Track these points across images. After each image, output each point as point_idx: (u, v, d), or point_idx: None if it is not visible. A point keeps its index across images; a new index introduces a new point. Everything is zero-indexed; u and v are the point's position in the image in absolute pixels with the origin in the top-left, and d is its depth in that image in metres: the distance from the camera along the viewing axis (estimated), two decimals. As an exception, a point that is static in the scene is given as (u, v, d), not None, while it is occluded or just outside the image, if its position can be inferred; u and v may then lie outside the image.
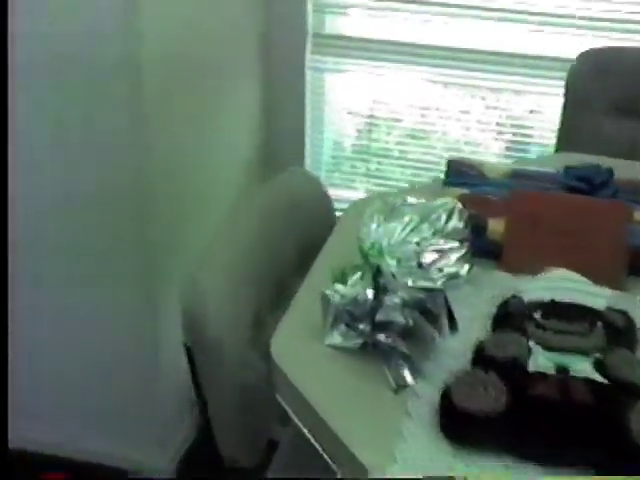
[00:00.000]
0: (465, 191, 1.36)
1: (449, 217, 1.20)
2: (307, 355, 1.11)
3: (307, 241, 1.33)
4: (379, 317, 1.06)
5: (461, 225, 1.20)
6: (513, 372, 1.00)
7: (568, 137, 1.93)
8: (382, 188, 2.45)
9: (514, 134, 2.31)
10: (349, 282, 1.13)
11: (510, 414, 0.94)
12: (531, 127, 2.30)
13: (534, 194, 1.30)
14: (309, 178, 1.40)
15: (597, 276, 1.20)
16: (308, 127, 2.38)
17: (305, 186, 1.36)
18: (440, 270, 1.16)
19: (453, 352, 1.10)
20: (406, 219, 1.18)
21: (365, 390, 1.05)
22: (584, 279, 1.17)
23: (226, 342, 1.09)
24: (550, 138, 2.16)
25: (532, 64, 2.14)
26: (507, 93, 2.29)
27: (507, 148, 2.34)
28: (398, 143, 2.45)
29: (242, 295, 1.13)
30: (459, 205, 1.21)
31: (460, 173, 1.41)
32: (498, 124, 2.32)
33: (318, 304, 1.14)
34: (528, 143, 2.30)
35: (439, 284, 1.11)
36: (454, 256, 1.18)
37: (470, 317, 1.15)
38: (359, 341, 1.09)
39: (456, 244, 1.19)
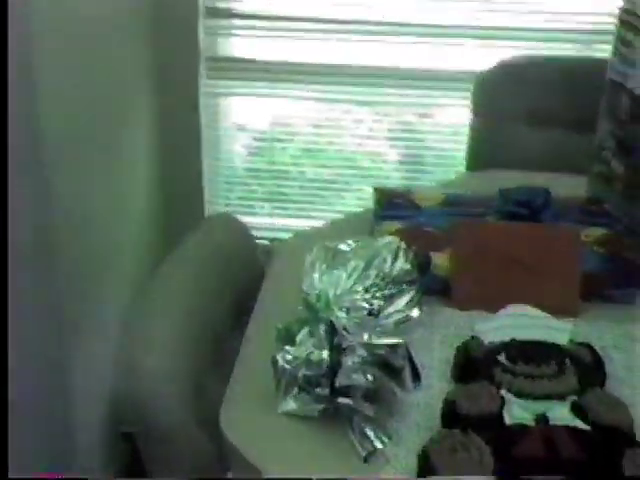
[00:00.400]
0: (399, 225, 1.30)
1: (395, 258, 1.13)
2: (261, 426, 1.01)
3: (241, 292, 1.23)
4: (340, 381, 0.97)
5: (408, 266, 1.13)
6: (492, 429, 0.93)
7: (479, 150, 1.90)
8: (285, 211, 2.39)
9: (407, 144, 2.28)
10: (297, 340, 1.05)
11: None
12: (424, 133, 2.28)
13: (477, 224, 1.24)
14: (232, 222, 1.30)
15: (551, 306, 1.15)
16: (205, 154, 2.28)
17: (230, 232, 1.26)
18: (390, 316, 1.09)
19: (419, 407, 1.02)
20: (351, 265, 1.10)
21: (331, 461, 0.96)
22: (543, 314, 1.12)
23: (173, 424, 0.99)
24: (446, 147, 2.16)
25: (434, 77, 2.11)
26: (407, 107, 2.26)
27: (403, 155, 2.30)
28: (294, 163, 2.39)
29: (183, 369, 1.02)
30: (403, 244, 1.15)
31: (392, 205, 1.34)
32: (390, 130, 2.28)
33: (264, 366, 1.04)
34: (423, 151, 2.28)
35: (392, 333, 1.04)
36: (404, 300, 1.11)
37: (428, 364, 1.08)
38: (318, 406, 1.00)
39: (404, 287, 1.12)
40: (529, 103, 1.80)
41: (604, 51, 1.63)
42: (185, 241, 1.19)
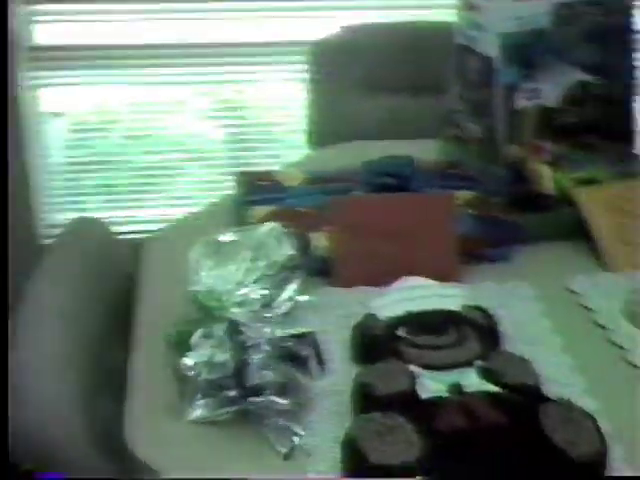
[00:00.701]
0: (270, 208, 1.26)
1: (279, 245, 1.10)
2: (170, 437, 0.95)
3: (119, 298, 1.16)
4: (250, 380, 0.93)
5: (292, 251, 1.10)
6: (410, 406, 0.93)
7: (319, 124, 1.89)
8: (117, 203, 2.29)
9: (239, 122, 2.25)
10: (192, 343, 1.00)
11: (427, 456, 0.87)
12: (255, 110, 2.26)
13: (352, 200, 1.22)
14: (93, 225, 1.22)
15: (433, 272, 1.16)
16: (26, 150, 2.15)
17: (95, 237, 1.18)
18: (282, 304, 1.06)
19: (327, 394, 1.00)
20: (238, 257, 1.05)
21: (250, 463, 0.92)
22: (433, 282, 1.13)
23: (67, 454, 0.92)
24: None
25: (264, 52, 2.07)
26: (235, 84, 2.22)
27: (232, 135, 2.27)
28: (119, 152, 2.30)
29: (69, 392, 0.95)
30: (284, 229, 1.12)
31: (258, 188, 1.30)
32: (218, 110, 2.24)
33: (160, 375, 0.99)
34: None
35: (288, 322, 1.01)
36: (293, 286, 1.08)
37: (327, 348, 1.06)
38: (228, 409, 0.95)
39: (292, 273, 1.09)
40: (368, 71, 1.80)
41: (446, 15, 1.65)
42: (49, 256, 1.10)
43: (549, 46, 1.43)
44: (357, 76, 1.82)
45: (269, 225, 1.11)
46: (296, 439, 0.93)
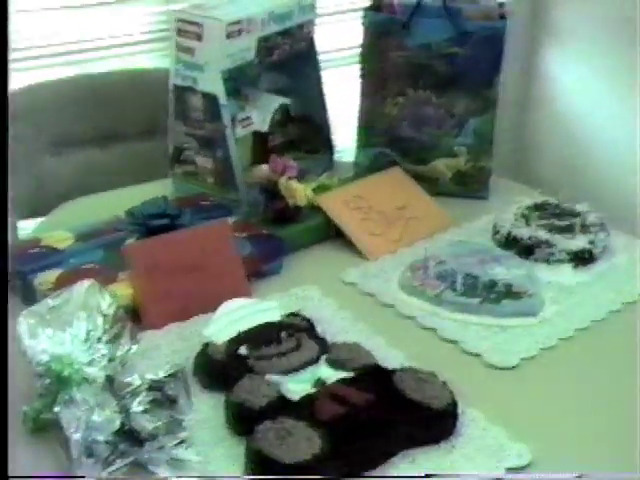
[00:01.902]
0: (56, 272, 1.25)
1: (102, 300, 1.11)
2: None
3: None
4: (138, 431, 0.95)
5: (114, 302, 1.12)
6: (289, 409, 1.01)
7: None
8: None
9: None
10: (58, 412, 0.98)
11: (328, 445, 0.96)
12: None
13: (143, 244, 1.25)
14: None
15: (229, 295, 1.25)
16: None
17: None
18: (125, 357, 1.08)
19: (201, 423, 1.04)
20: (74, 319, 1.05)
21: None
22: (251, 300, 1.21)
23: None
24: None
25: None
26: None
27: None
28: None
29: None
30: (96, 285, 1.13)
31: (30, 257, 1.28)
32: None
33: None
34: None
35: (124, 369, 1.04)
36: (126, 335, 1.10)
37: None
38: (123, 463, 0.96)
39: (121, 323, 1.11)
40: (58, 128, 1.80)
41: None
42: None
43: (254, 77, 1.58)
44: (49, 135, 1.81)
45: (83, 284, 1.12)
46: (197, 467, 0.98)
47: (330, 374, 1.07)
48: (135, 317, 1.21)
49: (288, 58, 1.59)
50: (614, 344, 1.23)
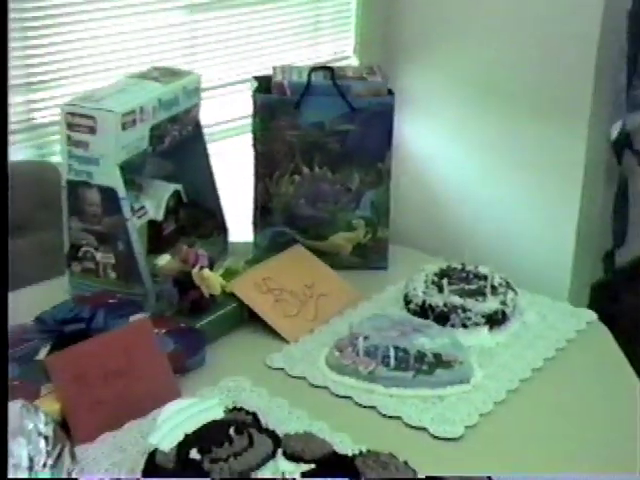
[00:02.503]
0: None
1: (37, 419, 1.03)
2: None
3: None
4: None
5: (52, 428, 1.04)
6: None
7: None
8: None
9: None
10: None
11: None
12: None
13: (65, 354, 1.17)
14: None
15: (157, 397, 1.19)
16: None
17: None
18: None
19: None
20: (15, 453, 0.97)
21: None
22: (190, 400, 1.16)
23: None
24: None
25: None
26: None
27: None
28: None
29: None
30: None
31: None
32: None
33: None
34: None
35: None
36: (65, 455, 1.03)
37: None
38: None
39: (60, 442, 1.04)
40: None
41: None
42: None
43: (145, 166, 1.54)
44: None
45: (15, 405, 1.04)
46: None
47: (292, 468, 1.04)
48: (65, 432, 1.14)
49: (177, 144, 1.56)
50: (545, 400, 1.27)
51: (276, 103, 1.54)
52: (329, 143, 1.54)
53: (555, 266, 2.26)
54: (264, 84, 1.59)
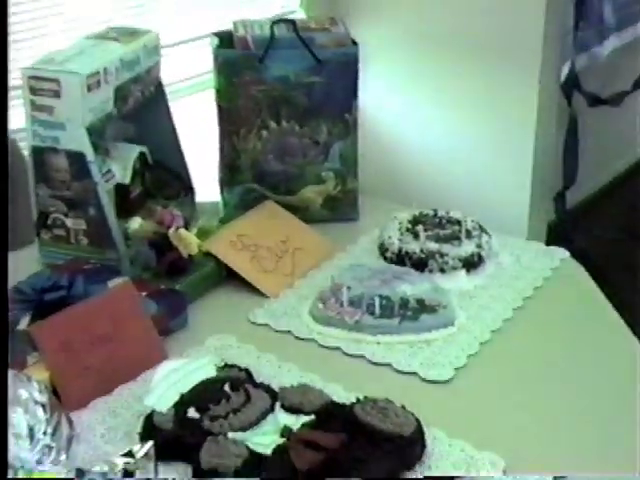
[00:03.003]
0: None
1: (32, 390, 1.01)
2: None
3: None
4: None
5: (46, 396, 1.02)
6: (268, 465, 0.97)
7: None
8: None
9: None
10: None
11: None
12: None
13: (50, 322, 1.15)
14: None
15: (145, 360, 1.19)
16: None
17: None
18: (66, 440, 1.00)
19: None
20: (14, 422, 0.95)
21: None
22: (182, 360, 1.15)
23: None
24: None
25: None
26: None
27: None
28: None
29: None
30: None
31: None
32: None
33: None
34: None
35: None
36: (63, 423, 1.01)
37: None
38: None
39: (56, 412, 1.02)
40: None
41: None
42: None
43: (109, 129, 1.51)
44: None
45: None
46: None
47: (292, 421, 1.04)
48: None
49: (140, 105, 1.53)
50: (529, 337, 1.29)
51: (240, 59, 1.51)
52: (295, 96, 1.52)
53: (513, 207, 2.29)
54: (225, 40, 1.56)
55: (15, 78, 1.90)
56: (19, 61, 1.88)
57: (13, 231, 1.68)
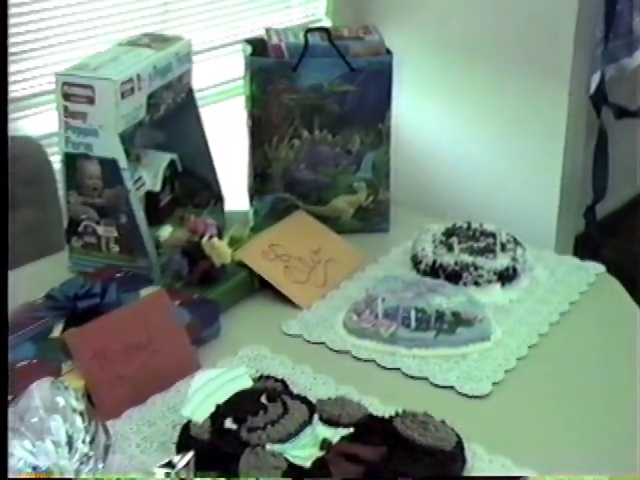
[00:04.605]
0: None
1: (68, 397, 1.01)
2: None
3: None
4: None
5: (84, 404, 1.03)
6: (308, 478, 0.97)
7: None
8: None
9: None
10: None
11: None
12: None
13: (85, 330, 1.15)
14: None
15: (179, 369, 1.20)
16: None
17: None
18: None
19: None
20: (50, 427, 0.95)
21: None
22: (218, 370, 1.15)
23: None
24: None
25: None
26: None
27: None
28: None
29: None
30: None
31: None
32: None
33: None
34: None
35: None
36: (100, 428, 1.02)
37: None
38: None
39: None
40: None
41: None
42: None
43: (141, 136, 1.52)
44: None
45: (42, 384, 1.02)
46: None
47: (331, 433, 1.05)
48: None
49: (170, 112, 1.54)
50: (566, 353, 1.29)
51: (273, 66, 1.52)
52: (328, 105, 1.53)
53: (542, 220, 2.30)
54: (257, 47, 1.57)
55: (43, 84, 1.92)
56: (50, 66, 1.91)
57: (43, 238, 1.71)
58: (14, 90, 1.92)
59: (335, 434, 1.05)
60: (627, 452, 1.09)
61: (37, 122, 1.94)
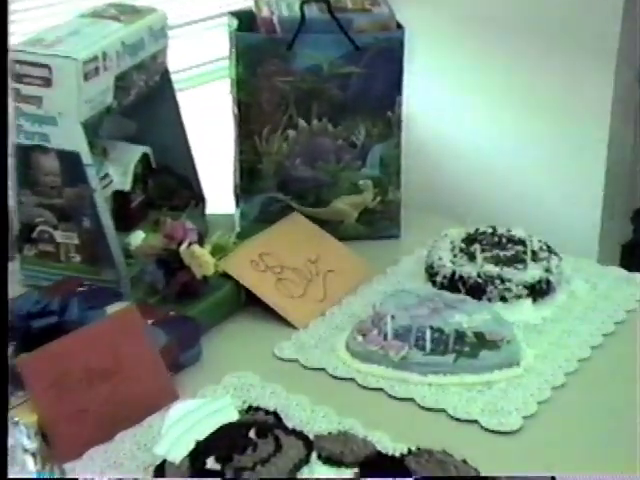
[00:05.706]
0: None
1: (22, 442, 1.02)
2: None
3: None
4: None
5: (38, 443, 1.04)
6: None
7: None
8: None
9: None
10: None
11: None
12: None
13: (39, 355, 1.15)
14: None
15: (152, 400, 1.20)
16: None
17: None
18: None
19: None
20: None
21: None
22: (199, 401, 1.16)
23: None
24: None
25: None
26: None
27: None
28: None
29: None
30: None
31: None
32: None
33: None
34: None
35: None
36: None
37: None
38: None
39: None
40: None
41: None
42: None
43: (112, 124, 1.53)
44: None
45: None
46: None
47: (331, 474, 1.06)
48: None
49: (142, 97, 1.55)
50: (609, 382, 1.30)
51: (264, 44, 1.53)
52: (329, 90, 1.55)
53: (582, 225, 2.30)
54: (245, 21, 1.58)
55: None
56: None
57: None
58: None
59: (337, 474, 1.06)
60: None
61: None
